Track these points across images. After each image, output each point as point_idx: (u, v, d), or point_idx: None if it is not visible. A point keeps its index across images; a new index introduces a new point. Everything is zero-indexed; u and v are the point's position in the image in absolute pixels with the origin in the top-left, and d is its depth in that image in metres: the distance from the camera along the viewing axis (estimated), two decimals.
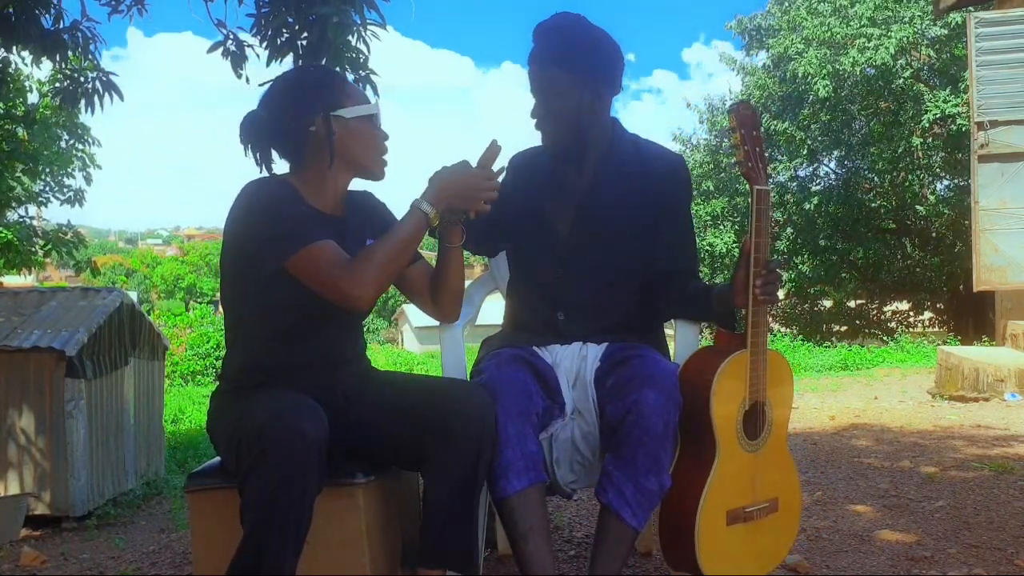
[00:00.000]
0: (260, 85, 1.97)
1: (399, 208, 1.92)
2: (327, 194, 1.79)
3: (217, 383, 1.86)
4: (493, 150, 1.77)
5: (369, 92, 3.95)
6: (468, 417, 1.64)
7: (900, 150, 14.77)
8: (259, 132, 1.77)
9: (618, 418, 1.77)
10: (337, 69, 3.70)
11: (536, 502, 1.74)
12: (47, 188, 10.19)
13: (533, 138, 2.02)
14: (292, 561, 1.52)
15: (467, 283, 2.30)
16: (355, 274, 1.62)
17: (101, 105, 4.47)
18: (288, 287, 1.68)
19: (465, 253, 1.93)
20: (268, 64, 3.83)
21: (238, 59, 4.05)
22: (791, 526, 1.96)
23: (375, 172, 1.82)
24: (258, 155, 1.78)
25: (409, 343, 33.43)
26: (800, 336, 15.88)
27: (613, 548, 1.77)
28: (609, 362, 1.89)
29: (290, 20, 3.78)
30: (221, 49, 4.04)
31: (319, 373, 1.74)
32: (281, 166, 1.82)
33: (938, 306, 17.30)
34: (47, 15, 4.26)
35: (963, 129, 12.16)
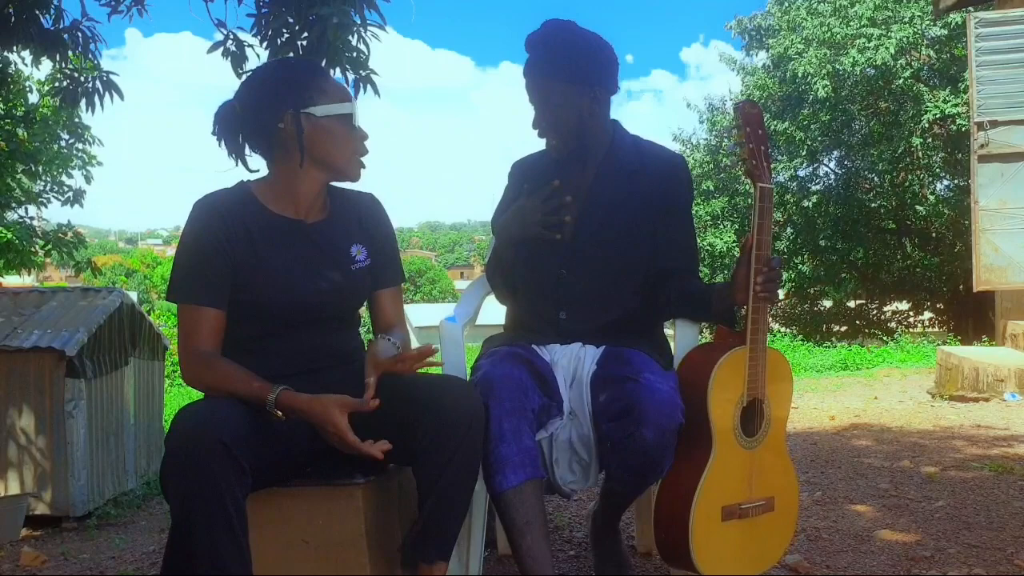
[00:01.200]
0: (238, 75, 1.94)
1: (396, 212, 1.90)
2: (298, 196, 1.74)
3: None
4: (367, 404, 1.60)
5: (370, 92, 3.96)
6: (455, 407, 1.62)
7: (900, 150, 14.78)
8: (231, 125, 1.73)
9: (618, 443, 1.78)
10: (323, 64, 3.67)
11: (532, 497, 1.75)
12: (47, 188, 10.19)
13: (532, 139, 2.03)
14: (236, 558, 1.48)
15: (467, 283, 2.30)
16: (197, 366, 1.63)
17: (101, 105, 4.48)
18: (247, 298, 1.68)
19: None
20: None
21: (238, 59, 4.05)
22: (787, 527, 1.96)
23: (347, 173, 1.76)
24: (228, 148, 1.74)
25: None
26: (800, 336, 15.88)
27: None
28: (604, 369, 1.88)
29: (290, 20, 3.79)
30: (221, 49, 4.05)
31: (303, 381, 1.67)
32: (255, 161, 1.78)
33: (938, 306, 17.31)
34: (47, 15, 4.27)
35: (963, 129, 12.17)
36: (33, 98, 9.47)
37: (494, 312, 2.20)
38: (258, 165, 1.78)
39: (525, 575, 1.74)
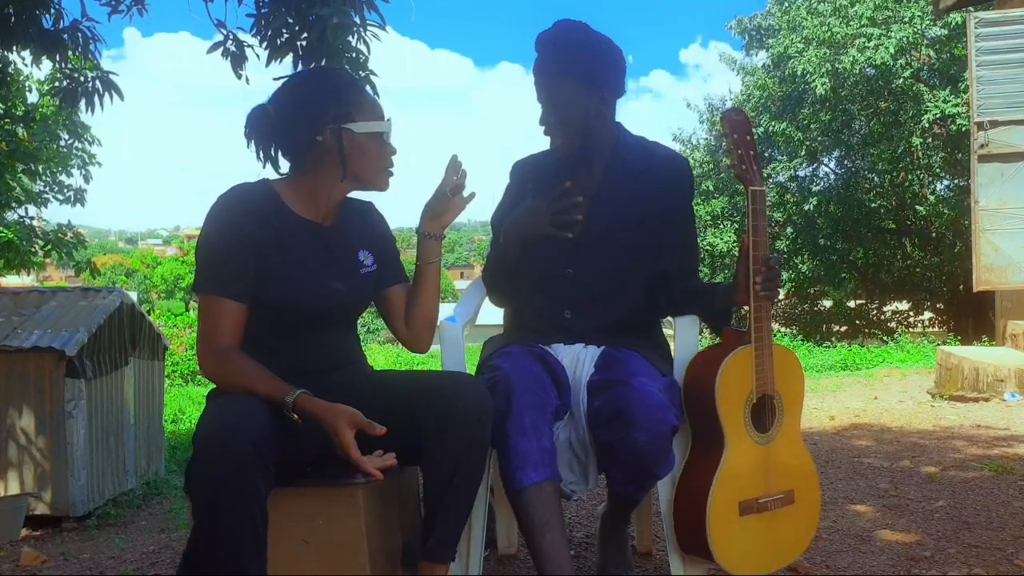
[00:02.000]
0: (275, 79, 1.96)
1: (394, 212, 1.93)
2: (319, 202, 1.77)
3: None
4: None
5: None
6: (462, 404, 1.64)
7: (900, 150, 14.78)
8: (263, 128, 1.77)
9: (610, 446, 1.80)
10: (356, 75, 3.70)
11: (552, 496, 1.75)
12: (47, 188, 10.18)
13: (532, 139, 2.04)
14: (255, 559, 1.49)
15: (467, 283, 2.30)
16: (215, 360, 1.64)
17: (101, 105, 4.48)
18: (264, 295, 1.69)
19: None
20: (268, 64, 3.84)
21: (238, 59, 4.06)
22: (810, 517, 1.98)
23: (378, 186, 1.80)
24: (260, 152, 1.78)
25: None
26: (800, 336, 15.88)
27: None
28: (600, 373, 1.90)
29: (290, 20, 3.79)
30: (221, 50, 4.05)
31: (305, 382, 1.68)
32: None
33: (938, 306, 17.31)
34: (47, 15, 4.27)
35: (963, 129, 12.17)
36: (33, 98, 9.47)
37: (494, 312, 2.20)
38: (285, 165, 1.81)
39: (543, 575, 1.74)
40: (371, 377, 1.86)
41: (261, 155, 1.78)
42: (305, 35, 3.81)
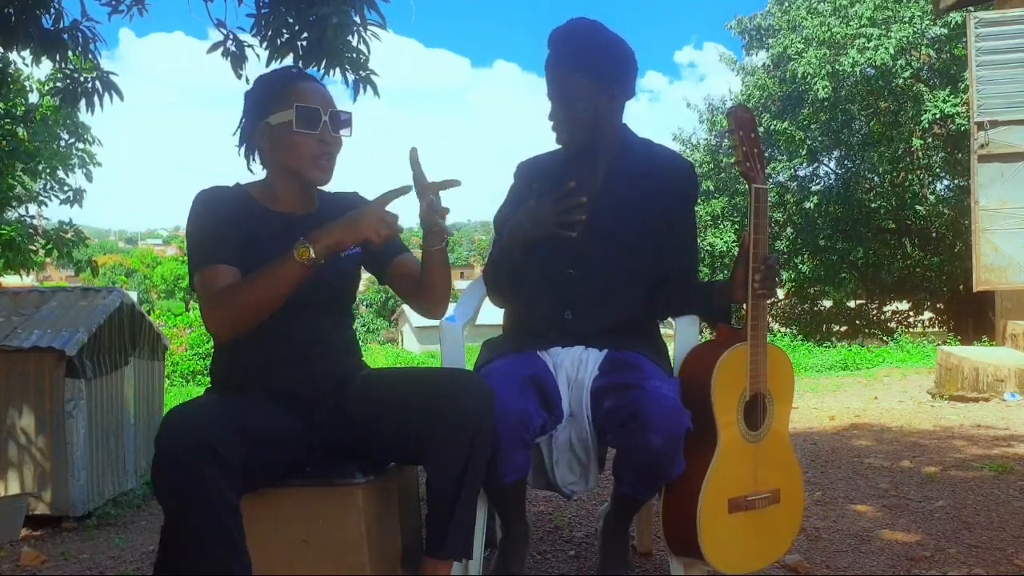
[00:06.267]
0: (238, 76, 2.02)
1: (394, 212, 1.91)
2: (282, 196, 1.81)
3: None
4: (402, 190, 1.71)
5: (369, 93, 3.96)
6: (465, 400, 1.65)
7: (900, 150, 14.79)
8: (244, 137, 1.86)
9: (625, 450, 1.82)
10: (323, 64, 3.72)
11: None
12: (47, 187, 10.16)
13: (530, 139, 2.04)
14: (235, 559, 1.49)
15: (467, 283, 2.30)
16: (212, 310, 1.65)
17: (101, 105, 4.47)
18: None
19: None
20: (268, 64, 3.83)
21: (238, 59, 4.05)
22: (793, 519, 1.99)
23: (306, 178, 1.79)
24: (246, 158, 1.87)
25: (409, 343, 33.44)
26: (800, 336, 15.87)
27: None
28: (608, 376, 1.90)
29: (290, 20, 3.78)
30: (221, 49, 4.04)
31: (292, 370, 1.72)
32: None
33: (938, 306, 17.31)
34: (47, 15, 4.26)
35: (963, 129, 12.17)
36: (33, 98, 9.46)
37: (494, 312, 2.20)
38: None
39: None
40: (371, 376, 1.86)
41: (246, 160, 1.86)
42: (305, 35, 3.81)
